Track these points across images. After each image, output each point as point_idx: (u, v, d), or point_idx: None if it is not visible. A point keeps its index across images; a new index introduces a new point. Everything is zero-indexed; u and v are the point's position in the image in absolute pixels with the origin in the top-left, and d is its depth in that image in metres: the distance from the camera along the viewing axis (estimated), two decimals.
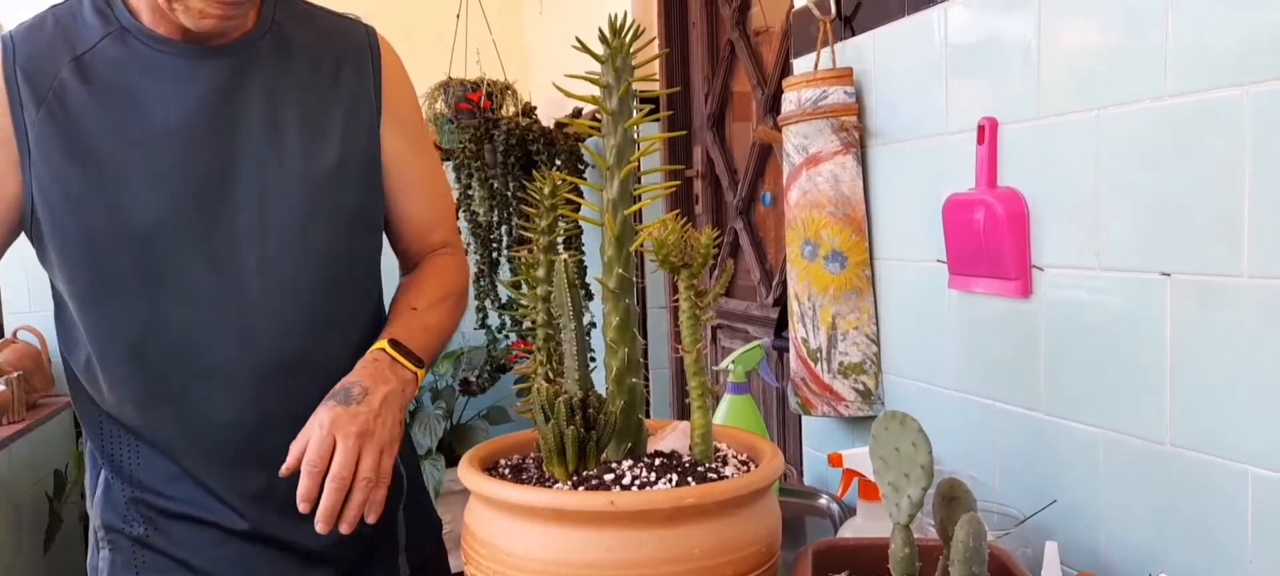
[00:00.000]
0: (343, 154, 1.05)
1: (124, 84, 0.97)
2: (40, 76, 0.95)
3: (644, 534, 0.75)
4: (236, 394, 1.01)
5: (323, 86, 1.06)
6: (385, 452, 0.96)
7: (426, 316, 1.10)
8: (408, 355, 1.04)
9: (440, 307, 1.13)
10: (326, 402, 0.96)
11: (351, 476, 0.93)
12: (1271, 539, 0.82)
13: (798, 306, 1.40)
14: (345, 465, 0.92)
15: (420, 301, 1.11)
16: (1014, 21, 1.07)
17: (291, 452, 0.94)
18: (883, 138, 1.32)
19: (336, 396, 0.96)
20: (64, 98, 0.95)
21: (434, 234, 1.18)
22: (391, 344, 1.03)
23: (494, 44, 3.08)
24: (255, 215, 1.00)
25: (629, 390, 0.88)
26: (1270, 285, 0.81)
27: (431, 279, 1.15)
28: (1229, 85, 0.83)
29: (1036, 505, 1.03)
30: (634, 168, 0.86)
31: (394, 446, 0.98)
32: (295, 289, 1.02)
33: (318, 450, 0.92)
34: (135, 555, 1.04)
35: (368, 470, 0.94)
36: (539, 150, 2.65)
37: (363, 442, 0.94)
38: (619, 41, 0.86)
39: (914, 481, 0.72)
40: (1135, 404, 0.95)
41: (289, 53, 1.05)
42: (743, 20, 2.21)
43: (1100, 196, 0.97)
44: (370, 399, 0.97)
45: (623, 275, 0.88)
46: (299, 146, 1.02)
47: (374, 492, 0.94)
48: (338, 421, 0.93)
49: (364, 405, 0.96)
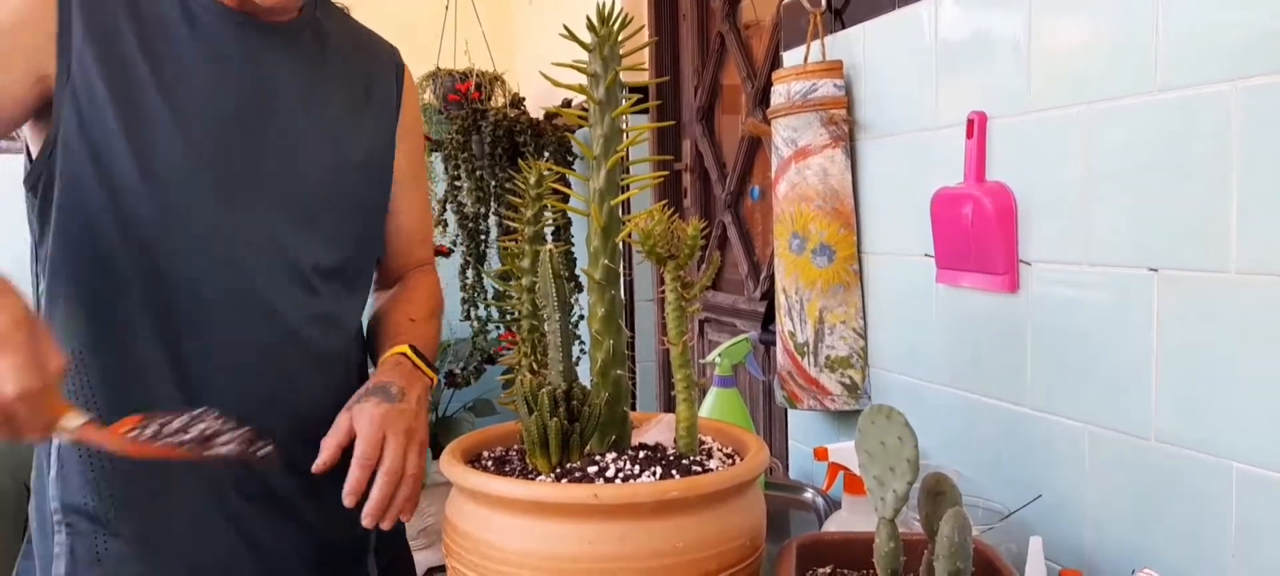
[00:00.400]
0: (369, 153, 1.09)
1: (174, 39, 0.96)
2: (97, 12, 0.92)
3: (628, 527, 0.74)
4: (239, 369, 0.98)
5: (356, 89, 1.10)
6: (424, 450, 0.98)
7: (425, 328, 1.12)
8: (425, 361, 1.06)
9: (433, 322, 1.16)
10: (367, 398, 0.95)
11: (401, 472, 0.93)
12: (1255, 534, 0.82)
13: (785, 300, 1.40)
14: (398, 460, 0.93)
15: (417, 314, 1.13)
16: (1004, 16, 1.06)
17: (326, 447, 0.92)
18: (872, 131, 1.32)
19: (377, 393, 0.96)
20: (115, 38, 0.93)
21: (421, 249, 1.22)
22: (412, 349, 1.05)
23: (483, 35, 3.06)
24: (280, 192, 1.00)
25: (614, 382, 0.87)
26: (1257, 281, 0.81)
27: (421, 292, 1.18)
28: (1217, 81, 0.83)
29: (1022, 499, 1.02)
30: (621, 158, 0.85)
31: (427, 444, 0.99)
32: (308, 270, 1.02)
33: (371, 443, 0.91)
34: (97, 541, 0.95)
35: (414, 466, 0.94)
36: (526, 141, 2.63)
37: (409, 439, 0.95)
38: (607, 30, 0.85)
39: (900, 475, 0.72)
40: (1121, 399, 0.94)
41: (327, 49, 1.08)
42: (733, 12, 2.20)
43: (1088, 192, 0.97)
44: (409, 398, 0.98)
45: (608, 266, 0.87)
46: (331, 135, 1.05)
47: (415, 488, 0.95)
48: (388, 418, 0.93)
49: (405, 403, 0.97)
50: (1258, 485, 0.82)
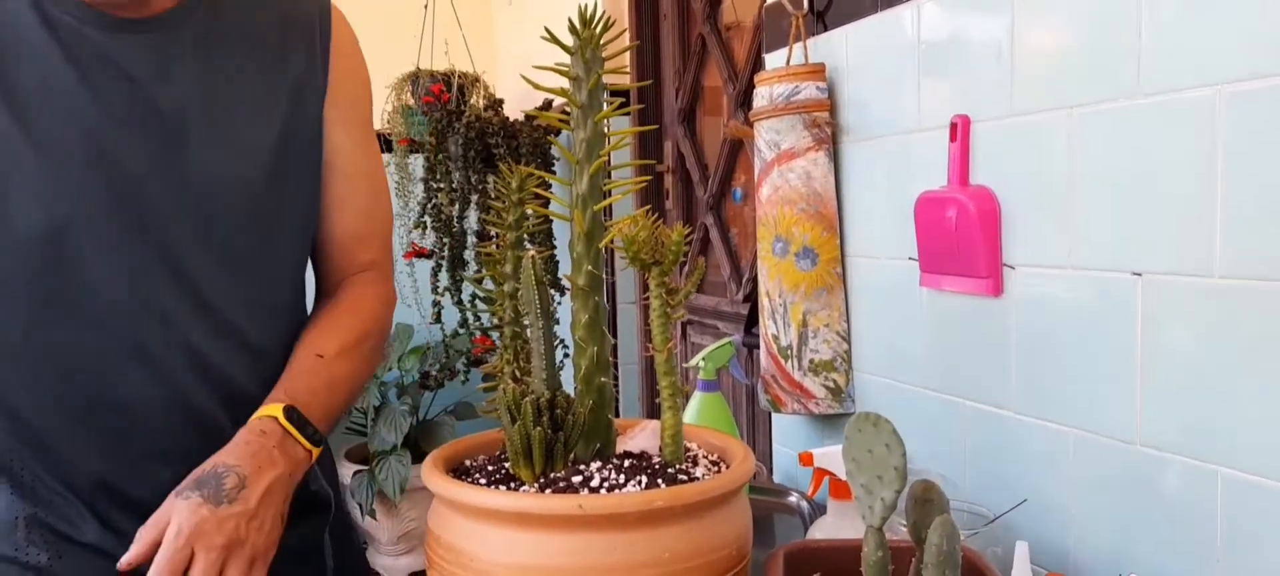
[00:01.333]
0: (281, 148, 0.93)
1: (29, 54, 0.83)
2: None
3: (613, 537, 0.73)
4: (150, 419, 0.89)
5: (264, 71, 0.93)
6: (257, 563, 0.80)
7: (334, 367, 0.93)
8: (304, 428, 0.87)
9: (353, 355, 0.96)
10: (190, 494, 0.78)
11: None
12: (1240, 538, 0.83)
13: (768, 303, 1.39)
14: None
15: (331, 345, 0.94)
16: (987, 19, 1.06)
17: (139, 540, 0.77)
18: (855, 134, 1.31)
19: (204, 486, 0.79)
20: None
21: (364, 249, 1.03)
22: (286, 413, 0.86)
23: (462, 35, 3.04)
24: (175, 211, 0.87)
25: (598, 389, 0.86)
26: (1240, 285, 0.81)
27: (348, 315, 0.99)
28: (1201, 85, 0.83)
29: (1007, 504, 1.02)
30: (604, 162, 0.84)
31: (270, 553, 0.82)
32: (218, 295, 0.90)
33: (167, 564, 0.75)
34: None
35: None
36: (498, 144, 2.62)
37: (228, 554, 0.77)
38: (589, 33, 0.84)
39: (887, 483, 0.71)
40: (1105, 403, 0.94)
41: (225, 30, 0.92)
42: (714, 14, 2.19)
43: (1072, 195, 0.97)
44: (247, 494, 0.79)
45: (592, 272, 0.86)
46: (230, 137, 0.90)
47: None
48: (200, 529, 0.76)
49: (238, 504, 0.78)
50: (1242, 489, 0.82)
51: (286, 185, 0.94)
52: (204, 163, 0.89)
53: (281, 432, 0.85)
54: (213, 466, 0.81)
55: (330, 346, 0.94)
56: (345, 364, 0.95)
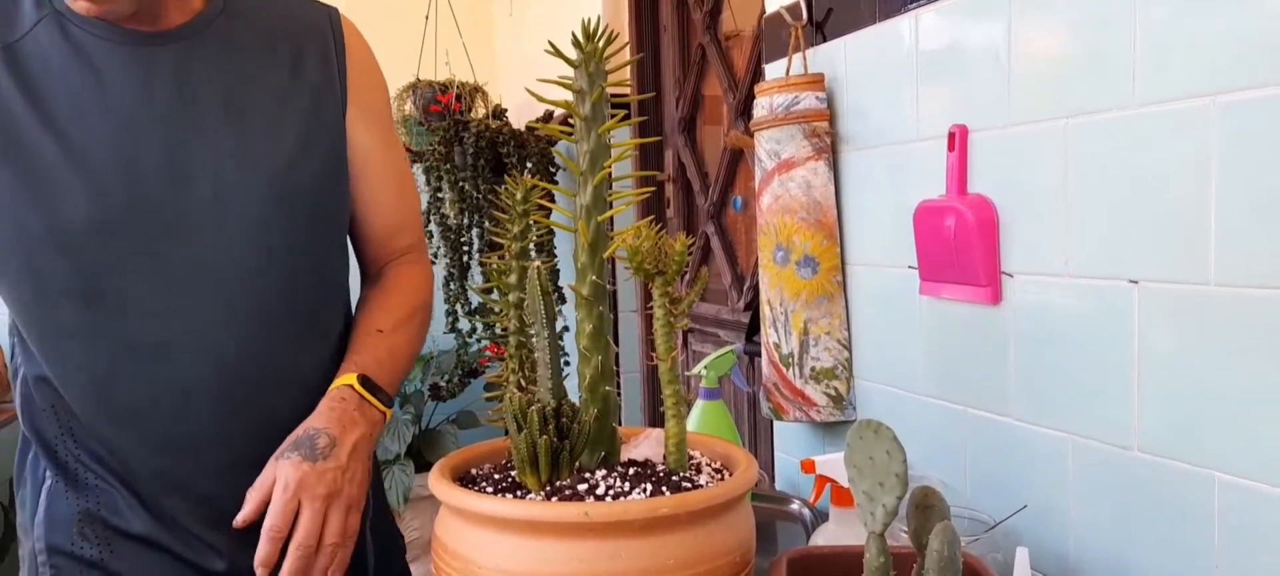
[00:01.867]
0: (304, 148, 0.97)
1: (58, 74, 0.89)
2: None
3: (619, 544, 0.74)
4: (203, 411, 0.93)
5: (282, 75, 0.98)
6: (352, 511, 0.90)
7: (393, 339, 1.02)
8: (376, 392, 0.96)
9: (407, 327, 1.05)
10: (289, 454, 0.88)
11: (317, 543, 0.86)
12: (1237, 543, 0.83)
13: (769, 311, 1.40)
14: (310, 533, 0.86)
15: (386, 321, 1.03)
16: (985, 30, 1.08)
17: (249, 500, 0.87)
18: (854, 143, 1.33)
19: (301, 447, 0.88)
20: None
21: (400, 237, 1.10)
22: (360, 381, 0.95)
23: (463, 46, 3.06)
24: (208, 216, 0.92)
25: (603, 398, 0.87)
26: (1235, 293, 0.82)
27: (397, 293, 1.07)
28: (1195, 95, 0.84)
29: (1007, 510, 1.03)
30: (607, 175, 0.86)
31: (362, 502, 0.92)
32: (257, 294, 0.94)
33: (280, 514, 0.85)
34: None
35: (334, 534, 0.87)
36: (509, 153, 2.63)
37: (330, 504, 0.87)
38: (592, 46, 0.85)
39: (889, 490, 0.72)
40: (1103, 409, 0.95)
41: (242, 38, 0.97)
42: (714, 24, 2.21)
43: (1069, 204, 0.98)
44: (338, 451, 0.89)
45: (596, 282, 0.87)
46: (255, 141, 0.94)
47: (339, 554, 0.88)
48: (304, 482, 0.86)
49: (331, 460, 0.88)
50: (1239, 494, 0.83)
51: (309, 182, 0.98)
52: (225, 166, 0.93)
53: (358, 398, 0.94)
54: (305, 430, 0.90)
55: (387, 321, 1.03)
56: (401, 335, 1.03)
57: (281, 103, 0.97)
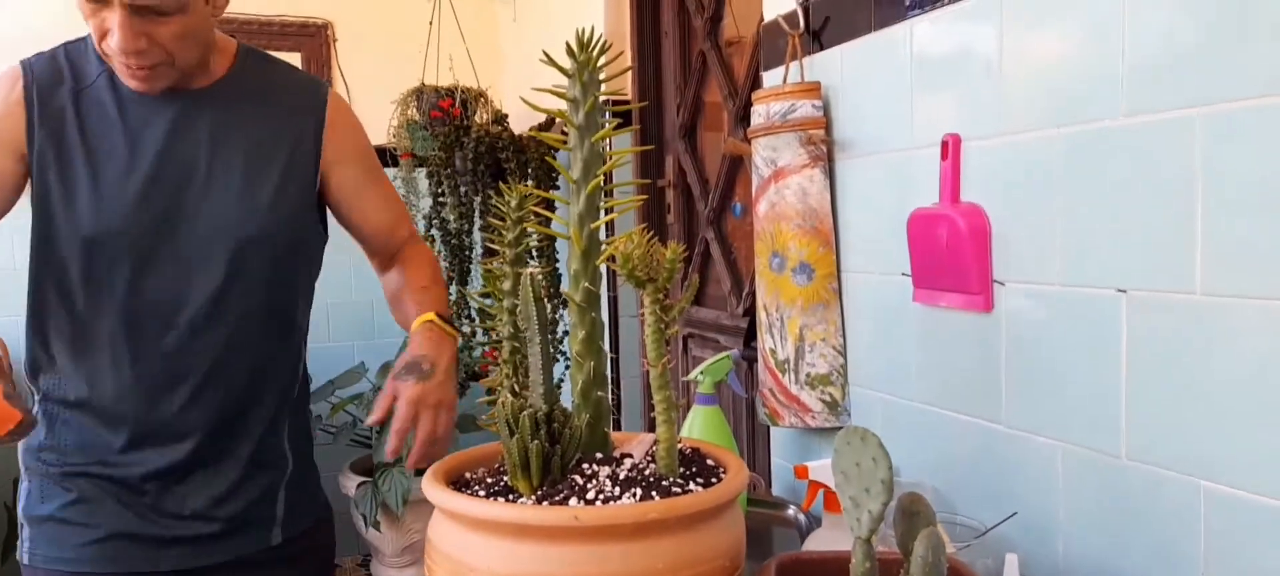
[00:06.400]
0: (281, 185, 1.22)
1: (106, 116, 1.16)
2: (49, 102, 1.15)
3: (608, 548, 0.75)
4: (187, 378, 1.20)
5: (270, 129, 1.23)
6: (452, 411, 1.18)
7: (436, 292, 1.31)
8: (450, 323, 1.25)
9: (440, 283, 1.35)
10: (405, 377, 1.14)
11: (434, 438, 1.14)
12: (1224, 551, 0.84)
13: (766, 317, 1.41)
14: (431, 431, 1.14)
15: (425, 280, 1.32)
16: (978, 40, 1.09)
17: (377, 408, 1.15)
18: (850, 151, 1.34)
19: (413, 371, 1.15)
20: (61, 120, 1.15)
21: (399, 230, 1.38)
22: (439, 316, 1.23)
23: (467, 51, 3.07)
24: (189, 245, 1.17)
25: (595, 404, 0.88)
26: (1221, 302, 0.83)
27: (421, 262, 1.36)
28: (1182, 107, 0.85)
29: (998, 517, 1.04)
30: (600, 182, 0.87)
31: (455, 405, 1.19)
32: (218, 308, 1.19)
33: (404, 420, 1.12)
34: (50, 473, 1.21)
35: (443, 428, 1.15)
36: (509, 158, 2.64)
37: (438, 411, 1.14)
38: (586, 55, 0.86)
39: (874, 496, 0.73)
40: (1092, 417, 0.96)
41: (245, 100, 1.23)
42: (715, 31, 2.22)
43: (1059, 213, 0.99)
44: (438, 371, 1.16)
45: (589, 289, 0.88)
46: (238, 191, 1.19)
47: (445, 444, 1.16)
48: (422, 397, 1.13)
49: (435, 378, 1.15)
50: (1225, 503, 0.84)
51: (285, 216, 1.23)
52: (215, 200, 1.19)
53: (439, 329, 1.23)
54: (412, 358, 1.17)
55: (426, 280, 1.33)
56: (439, 288, 1.34)
57: (266, 167, 1.22)
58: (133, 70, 1.11)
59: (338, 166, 1.29)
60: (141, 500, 1.20)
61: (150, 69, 1.11)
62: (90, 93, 1.17)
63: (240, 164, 1.20)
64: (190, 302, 1.18)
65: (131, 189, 1.15)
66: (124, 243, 1.16)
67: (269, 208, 1.21)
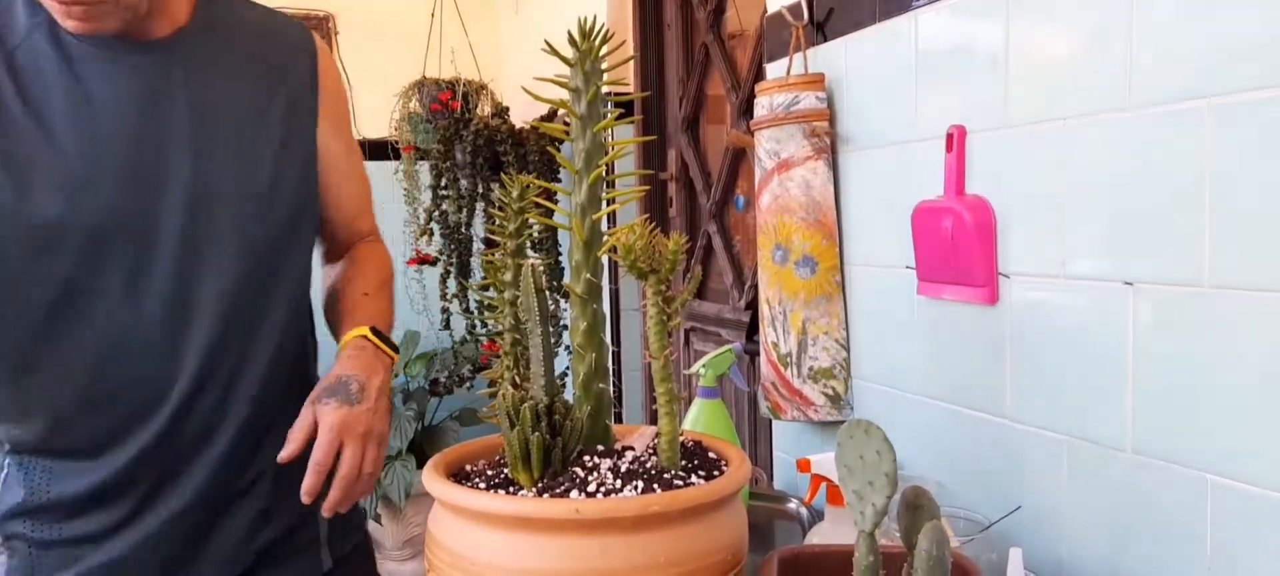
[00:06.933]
0: (281, 159, 1.04)
1: (51, 81, 0.94)
2: None
3: (610, 541, 0.74)
4: (160, 409, 0.97)
5: (260, 90, 1.04)
6: (382, 444, 1.01)
7: (378, 301, 1.13)
8: (386, 341, 1.06)
9: (387, 291, 1.17)
10: (327, 400, 0.97)
11: (357, 473, 0.97)
12: (1230, 544, 0.83)
13: (768, 311, 1.41)
14: (354, 467, 0.96)
15: (370, 287, 1.14)
16: (983, 31, 1.08)
17: (292, 440, 0.96)
18: (854, 144, 1.33)
19: (337, 393, 0.97)
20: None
21: (362, 221, 1.21)
22: (373, 332, 1.05)
23: (469, 44, 3.06)
24: (185, 219, 0.97)
25: (596, 396, 0.87)
26: (1229, 295, 0.82)
27: (371, 263, 1.18)
28: (1191, 98, 0.84)
29: (1002, 510, 1.03)
30: (602, 172, 0.86)
31: (388, 435, 1.02)
32: (227, 296, 0.99)
33: (326, 452, 0.95)
34: (33, 556, 0.98)
35: (371, 465, 0.98)
36: (506, 151, 2.64)
37: (366, 441, 0.97)
38: (588, 45, 0.85)
39: (878, 489, 0.72)
40: (1098, 411, 0.95)
41: (224, 51, 1.03)
42: (717, 23, 2.21)
43: (1065, 206, 0.98)
44: (368, 394, 0.99)
45: (590, 280, 0.87)
46: (237, 155, 1.00)
47: (372, 481, 1.00)
48: (346, 423, 0.96)
49: (364, 403, 0.98)
50: (1231, 497, 0.83)
51: (286, 191, 1.04)
52: (206, 169, 0.98)
53: (374, 346, 1.04)
54: (337, 378, 0.99)
55: (370, 286, 1.15)
56: (383, 298, 1.15)
57: (260, 117, 1.03)
58: (68, 6, 0.90)
59: (325, 131, 1.10)
60: (161, 552, 1.00)
61: (89, 5, 0.90)
62: (23, 53, 0.94)
63: (233, 130, 1.00)
64: (198, 302, 0.98)
65: (106, 164, 0.93)
66: (100, 232, 0.93)
67: (273, 182, 1.02)
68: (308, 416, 0.97)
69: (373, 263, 1.19)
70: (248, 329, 1.02)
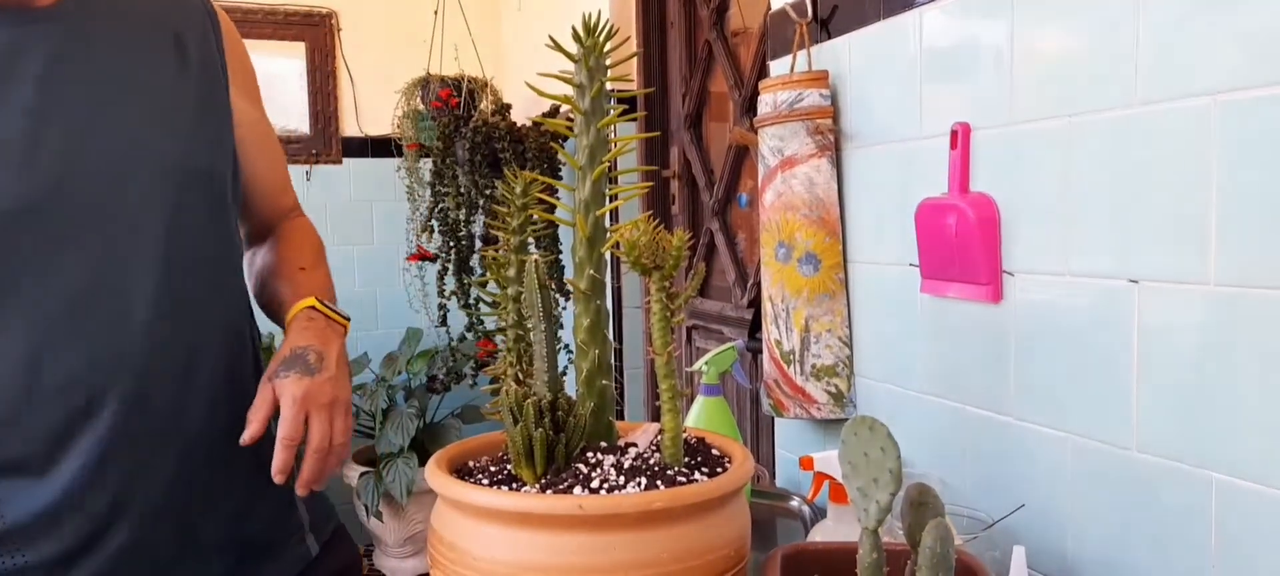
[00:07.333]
0: (198, 128, 0.98)
1: None
2: None
3: (612, 537, 0.74)
4: (116, 397, 0.90)
5: (166, 59, 0.97)
6: (348, 412, 0.99)
7: (316, 275, 1.10)
8: (334, 310, 1.04)
9: (323, 266, 1.13)
10: (286, 373, 0.94)
11: (329, 445, 0.95)
12: (1234, 544, 0.83)
13: (771, 308, 1.40)
14: (324, 437, 0.94)
15: (306, 261, 1.11)
16: (988, 28, 1.07)
17: (253, 420, 0.92)
18: (858, 141, 1.32)
19: (295, 365, 0.94)
20: None
21: (284, 197, 1.18)
22: (320, 302, 1.02)
23: (472, 41, 3.06)
24: (107, 200, 0.90)
25: (599, 392, 0.87)
26: (1235, 293, 0.82)
27: (302, 238, 1.15)
28: (1196, 94, 0.84)
29: (1005, 508, 1.03)
30: (605, 169, 0.86)
31: (350, 402, 1.00)
32: (159, 277, 0.92)
33: (293, 425, 0.92)
34: (8, 559, 0.90)
35: (341, 435, 0.96)
36: (505, 148, 2.64)
37: (333, 411, 0.95)
38: (592, 41, 0.85)
39: (882, 486, 0.72)
40: (1102, 409, 0.95)
41: (122, 22, 0.95)
42: (720, 21, 2.20)
43: (1070, 203, 0.98)
44: (327, 363, 0.96)
45: (594, 276, 0.87)
46: (149, 122, 0.94)
47: (344, 451, 0.98)
48: (310, 394, 0.93)
49: (324, 372, 0.95)
50: (1236, 496, 0.83)
51: (206, 161, 0.99)
52: (119, 149, 0.91)
53: (323, 316, 1.02)
54: (293, 350, 0.96)
55: (305, 260, 1.11)
56: (322, 271, 1.12)
57: (171, 86, 0.97)
58: None
59: (237, 99, 1.03)
60: (136, 567, 0.92)
61: None
62: None
63: (142, 98, 0.93)
64: (128, 287, 0.90)
65: (5, 145, 0.85)
66: (16, 225, 0.86)
67: (189, 150, 0.96)
68: (267, 393, 0.93)
69: (304, 237, 1.15)
70: (189, 311, 0.95)
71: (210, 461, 0.98)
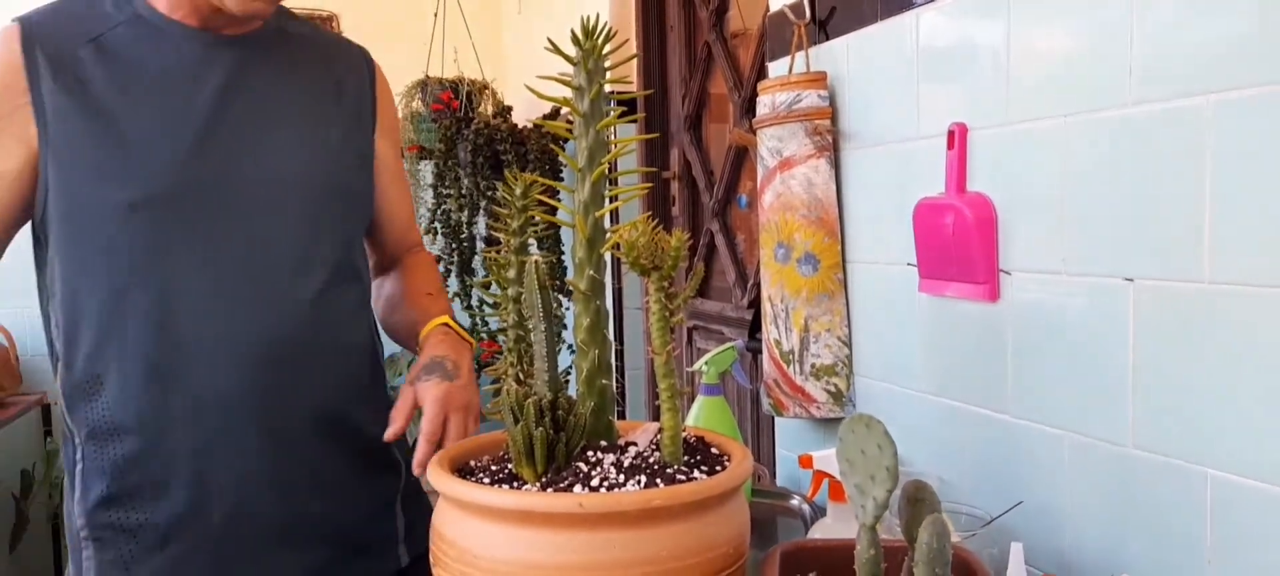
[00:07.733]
0: (343, 152, 1.14)
1: (140, 61, 1.03)
2: (60, 53, 1.01)
3: (612, 535, 0.75)
4: (240, 366, 1.04)
5: (327, 92, 1.15)
6: (478, 418, 1.08)
7: (442, 300, 1.23)
8: (462, 330, 1.16)
9: (443, 293, 1.27)
10: (427, 378, 1.05)
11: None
12: (1230, 540, 0.84)
13: (770, 308, 1.41)
14: (460, 435, 1.03)
15: (433, 288, 1.25)
16: (985, 29, 1.08)
17: (396, 419, 1.03)
18: (856, 141, 1.33)
19: (435, 371, 1.06)
20: (80, 71, 1.01)
21: (411, 233, 1.31)
22: (451, 320, 1.15)
23: (472, 44, 3.07)
24: (262, 200, 1.05)
25: (599, 392, 0.88)
26: (1229, 290, 0.82)
27: (427, 271, 1.28)
28: (1191, 94, 0.84)
29: (1003, 506, 1.04)
30: (605, 170, 0.86)
31: (479, 411, 1.09)
32: (296, 271, 1.07)
33: (435, 422, 1.01)
34: (125, 548, 1.04)
35: (471, 437, 1.04)
36: (506, 150, 2.65)
37: (467, 414, 1.05)
38: (591, 43, 0.86)
39: (880, 483, 0.73)
40: (1099, 406, 0.96)
41: (294, 57, 1.14)
42: (720, 23, 2.21)
43: (1066, 202, 0.98)
44: (462, 371, 1.07)
45: (593, 277, 0.88)
46: (304, 140, 1.10)
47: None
48: (449, 396, 1.03)
49: (460, 378, 1.06)
50: (1231, 491, 0.83)
51: (349, 179, 1.15)
52: (279, 158, 1.08)
53: (454, 332, 1.14)
54: (433, 358, 1.08)
55: (432, 287, 1.26)
56: (444, 299, 1.26)
57: (327, 115, 1.15)
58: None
59: (381, 141, 1.20)
60: (241, 539, 1.05)
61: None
62: (111, 40, 1.03)
63: (298, 122, 1.10)
64: (270, 273, 1.05)
65: (183, 138, 1.02)
66: (177, 198, 1.01)
67: (332, 171, 1.12)
68: (408, 395, 1.04)
69: (428, 269, 1.29)
70: (317, 307, 1.08)
71: (321, 448, 1.09)
